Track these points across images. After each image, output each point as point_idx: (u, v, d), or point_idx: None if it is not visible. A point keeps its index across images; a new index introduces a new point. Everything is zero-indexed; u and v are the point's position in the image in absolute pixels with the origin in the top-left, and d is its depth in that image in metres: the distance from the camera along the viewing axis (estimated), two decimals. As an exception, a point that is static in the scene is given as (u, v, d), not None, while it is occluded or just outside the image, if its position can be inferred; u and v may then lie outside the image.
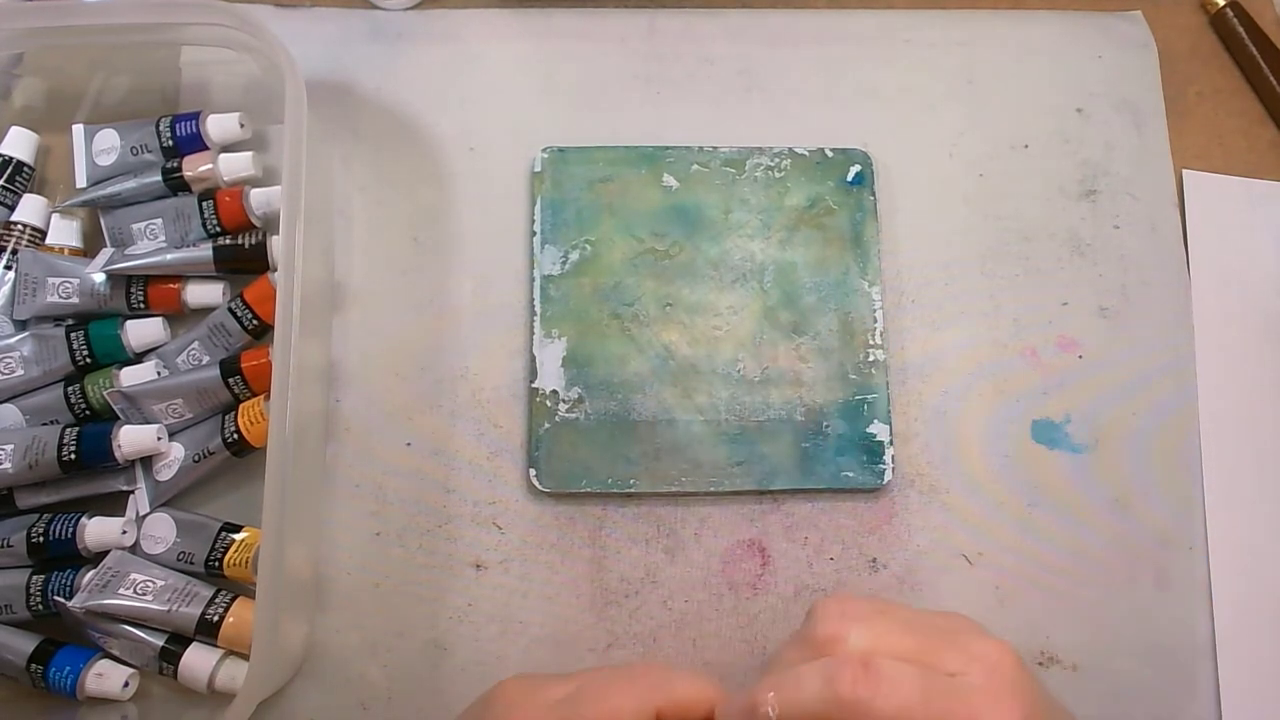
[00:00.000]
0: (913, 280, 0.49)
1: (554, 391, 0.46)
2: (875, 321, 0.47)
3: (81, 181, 0.47)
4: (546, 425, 0.45)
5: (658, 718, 0.32)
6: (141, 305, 0.45)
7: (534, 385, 0.46)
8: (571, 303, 0.47)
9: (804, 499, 0.46)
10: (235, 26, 0.43)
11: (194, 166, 0.46)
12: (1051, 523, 0.46)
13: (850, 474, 0.45)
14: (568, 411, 0.45)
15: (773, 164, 0.49)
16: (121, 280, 0.45)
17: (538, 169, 0.48)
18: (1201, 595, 0.46)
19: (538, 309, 0.46)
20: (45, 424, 0.43)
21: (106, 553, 0.42)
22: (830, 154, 0.49)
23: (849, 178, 0.49)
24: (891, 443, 0.46)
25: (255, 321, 0.45)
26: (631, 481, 0.45)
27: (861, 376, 0.46)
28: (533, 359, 0.46)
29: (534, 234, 0.48)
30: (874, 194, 0.49)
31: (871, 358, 0.47)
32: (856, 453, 0.45)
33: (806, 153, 0.49)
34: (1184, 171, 0.51)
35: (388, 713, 0.43)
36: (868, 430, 0.46)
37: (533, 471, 0.45)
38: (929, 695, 0.29)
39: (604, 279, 0.47)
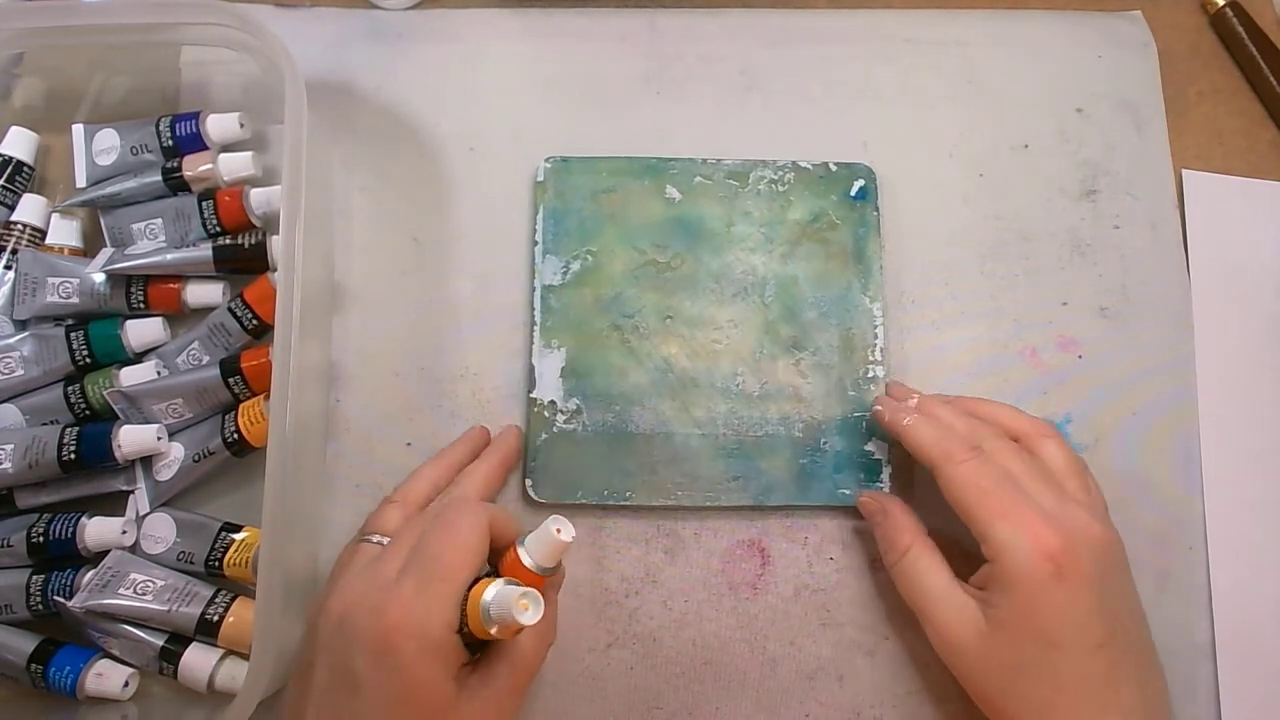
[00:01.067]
0: (912, 281, 0.49)
1: (552, 402, 0.46)
2: (876, 338, 0.47)
3: (81, 181, 0.47)
4: (544, 436, 0.45)
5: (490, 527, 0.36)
6: (141, 305, 0.45)
7: (532, 395, 0.46)
8: (572, 313, 0.47)
9: (801, 514, 0.46)
10: (235, 26, 0.43)
11: (194, 166, 0.46)
12: (1051, 523, 0.46)
13: (847, 492, 0.45)
14: (565, 423, 0.45)
15: (776, 177, 0.49)
16: (121, 280, 0.45)
17: (540, 178, 0.48)
18: (1201, 596, 0.46)
19: (538, 319, 0.46)
20: (45, 424, 0.43)
21: (106, 553, 0.42)
22: (834, 168, 0.49)
23: (852, 192, 0.49)
24: (889, 461, 0.45)
25: (255, 321, 0.45)
26: (628, 494, 0.45)
27: (861, 393, 0.46)
28: (531, 369, 0.46)
29: (536, 243, 0.47)
30: (877, 209, 0.49)
31: (871, 374, 0.46)
32: (854, 470, 0.45)
33: (810, 166, 0.49)
34: (1184, 171, 0.51)
35: (388, 713, 0.43)
36: (865, 448, 0.46)
37: (529, 482, 0.45)
38: (998, 484, 0.38)
39: (605, 290, 0.47)
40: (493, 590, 0.34)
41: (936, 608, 0.39)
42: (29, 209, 0.46)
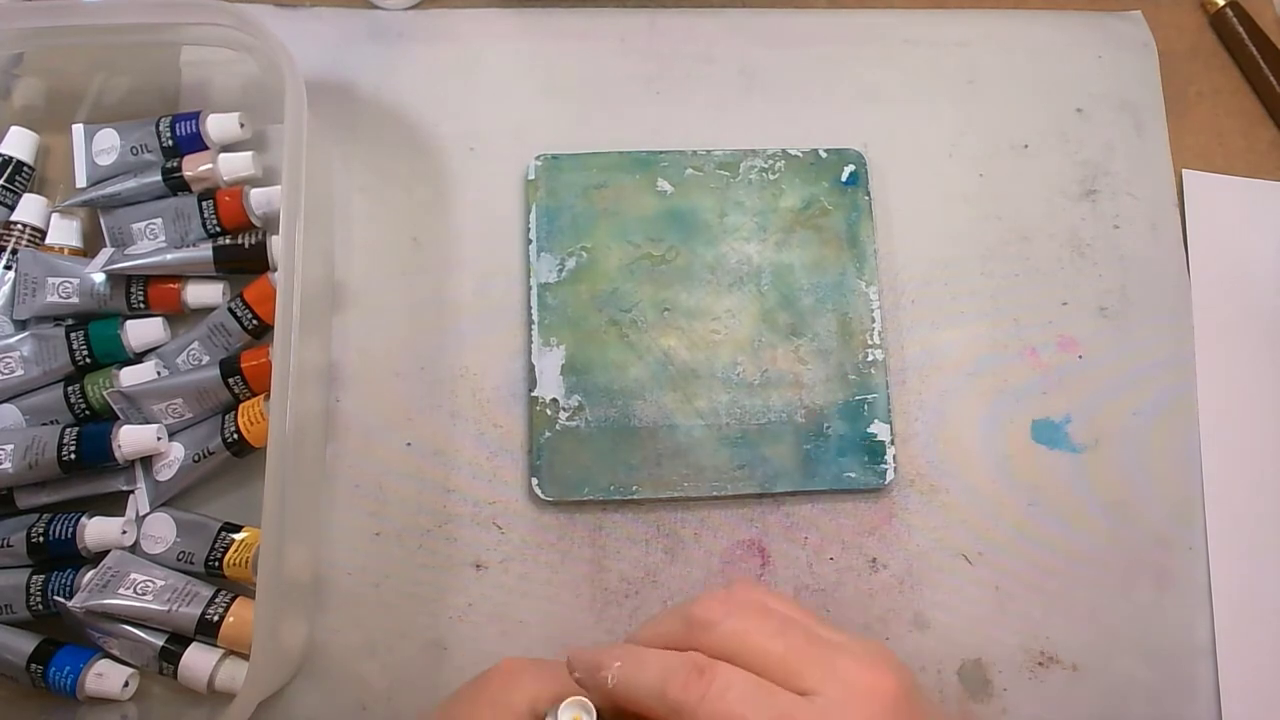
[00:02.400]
0: (912, 280, 0.49)
1: (554, 400, 0.46)
2: (873, 322, 0.47)
3: (81, 181, 0.47)
4: (547, 434, 0.45)
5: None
6: (141, 305, 0.45)
7: (534, 394, 0.46)
8: (569, 310, 0.47)
9: (804, 499, 0.46)
10: (235, 26, 0.43)
11: (194, 166, 0.46)
12: (1051, 523, 0.46)
13: (852, 474, 0.45)
14: (568, 420, 0.45)
15: (767, 166, 0.49)
16: (121, 280, 0.45)
17: (531, 176, 0.48)
18: (1201, 595, 0.46)
19: (535, 317, 0.46)
20: (45, 424, 0.43)
21: (106, 553, 0.42)
22: (824, 154, 0.49)
23: (843, 178, 0.49)
24: (892, 442, 0.46)
25: (255, 321, 0.45)
26: (634, 488, 0.45)
27: (861, 377, 0.46)
28: (532, 368, 0.46)
29: (530, 242, 0.47)
30: (869, 194, 0.49)
31: (870, 358, 0.47)
32: (858, 453, 0.45)
33: (800, 154, 0.49)
34: (1184, 171, 0.51)
35: (388, 713, 0.43)
36: (868, 430, 0.46)
37: (534, 480, 0.45)
38: (757, 709, 0.29)
39: (601, 286, 0.47)
40: None
41: None
42: (29, 209, 0.46)
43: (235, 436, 0.42)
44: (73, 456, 0.41)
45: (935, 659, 0.45)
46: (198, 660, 0.40)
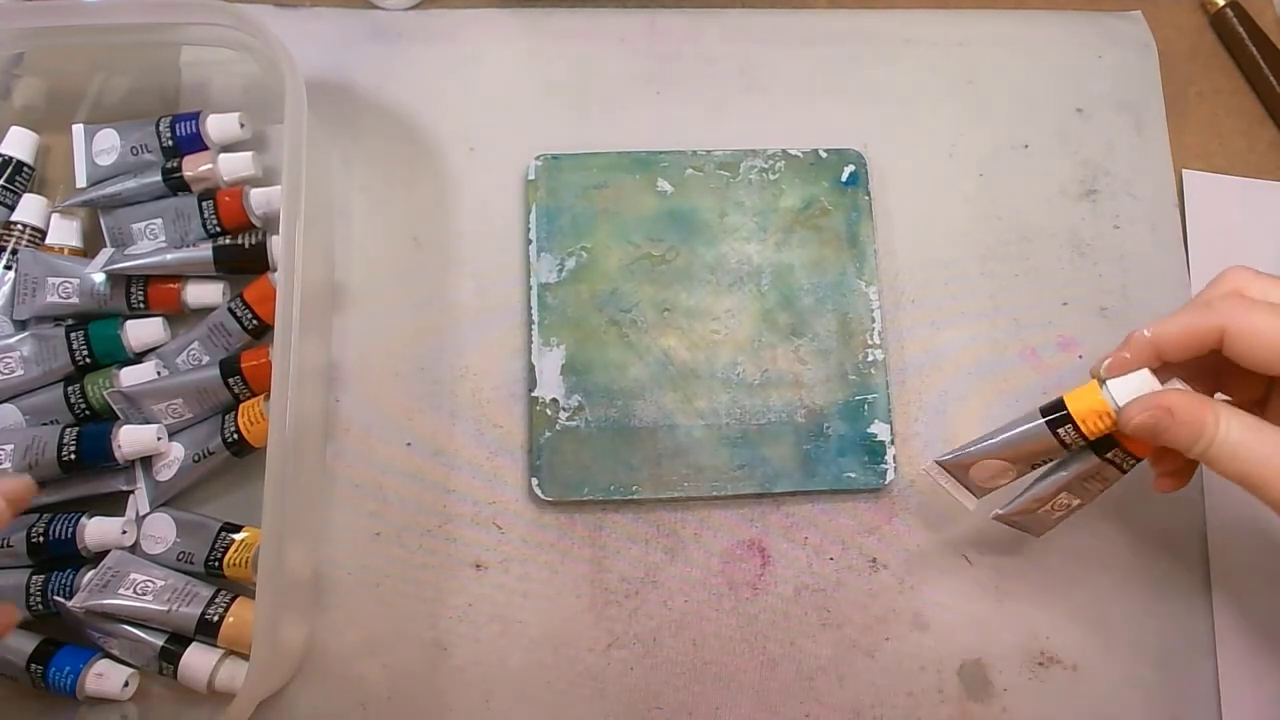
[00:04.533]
0: (912, 280, 0.49)
1: (554, 400, 0.46)
2: (873, 322, 0.47)
3: (81, 181, 0.47)
4: (547, 434, 0.45)
5: None
6: (141, 305, 0.45)
7: (534, 394, 0.46)
8: (569, 310, 0.47)
9: (804, 499, 0.46)
10: (235, 26, 0.43)
11: (194, 166, 0.46)
12: (1051, 523, 0.46)
13: (852, 474, 0.45)
14: (568, 420, 0.45)
15: (767, 166, 0.49)
16: (121, 280, 0.45)
17: (531, 176, 0.48)
18: (1201, 595, 0.46)
19: (535, 317, 0.46)
20: (45, 424, 0.43)
21: (106, 553, 0.42)
22: (824, 154, 0.49)
23: (843, 178, 0.49)
24: (893, 442, 0.46)
25: (255, 321, 0.45)
26: (634, 488, 0.45)
27: (861, 377, 0.46)
28: (532, 368, 0.46)
29: (530, 242, 0.48)
30: (869, 194, 0.49)
31: (870, 358, 0.47)
32: (858, 453, 0.45)
33: (800, 154, 0.49)
34: (1184, 171, 0.51)
35: (388, 713, 0.43)
36: (869, 430, 0.46)
37: (534, 480, 0.45)
38: None
39: (601, 286, 0.47)
40: None
41: None
42: (29, 209, 0.46)
43: (235, 436, 0.42)
44: (73, 456, 0.41)
45: (935, 659, 0.45)
46: (198, 660, 0.40)
